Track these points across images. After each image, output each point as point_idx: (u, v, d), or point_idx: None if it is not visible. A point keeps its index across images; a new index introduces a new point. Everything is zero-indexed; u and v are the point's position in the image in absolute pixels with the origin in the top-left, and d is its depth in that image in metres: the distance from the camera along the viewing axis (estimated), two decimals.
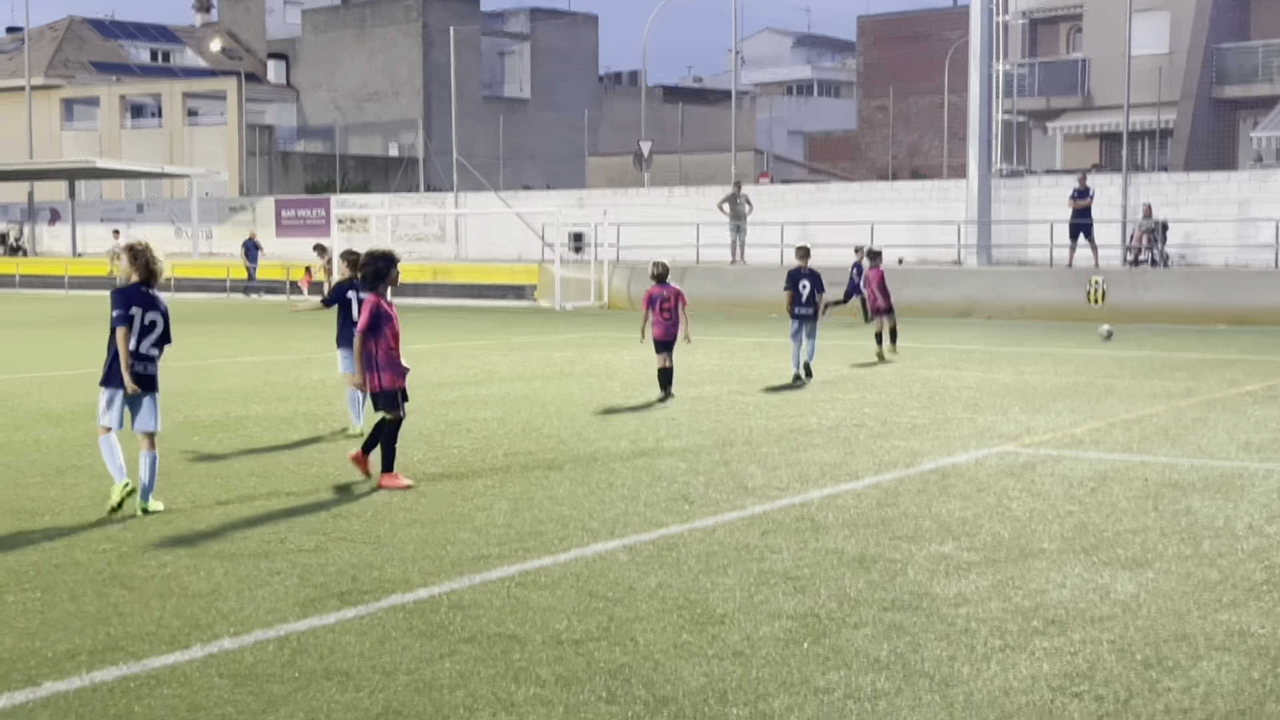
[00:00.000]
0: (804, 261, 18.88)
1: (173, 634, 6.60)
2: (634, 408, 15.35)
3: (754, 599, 7.25)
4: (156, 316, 9.65)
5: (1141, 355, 21.91)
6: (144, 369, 9.58)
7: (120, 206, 58.82)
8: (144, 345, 9.58)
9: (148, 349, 9.60)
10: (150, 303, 9.64)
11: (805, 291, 18.63)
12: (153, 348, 9.63)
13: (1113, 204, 35.64)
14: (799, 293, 18.65)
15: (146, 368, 9.60)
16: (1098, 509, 9.66)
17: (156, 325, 9.65)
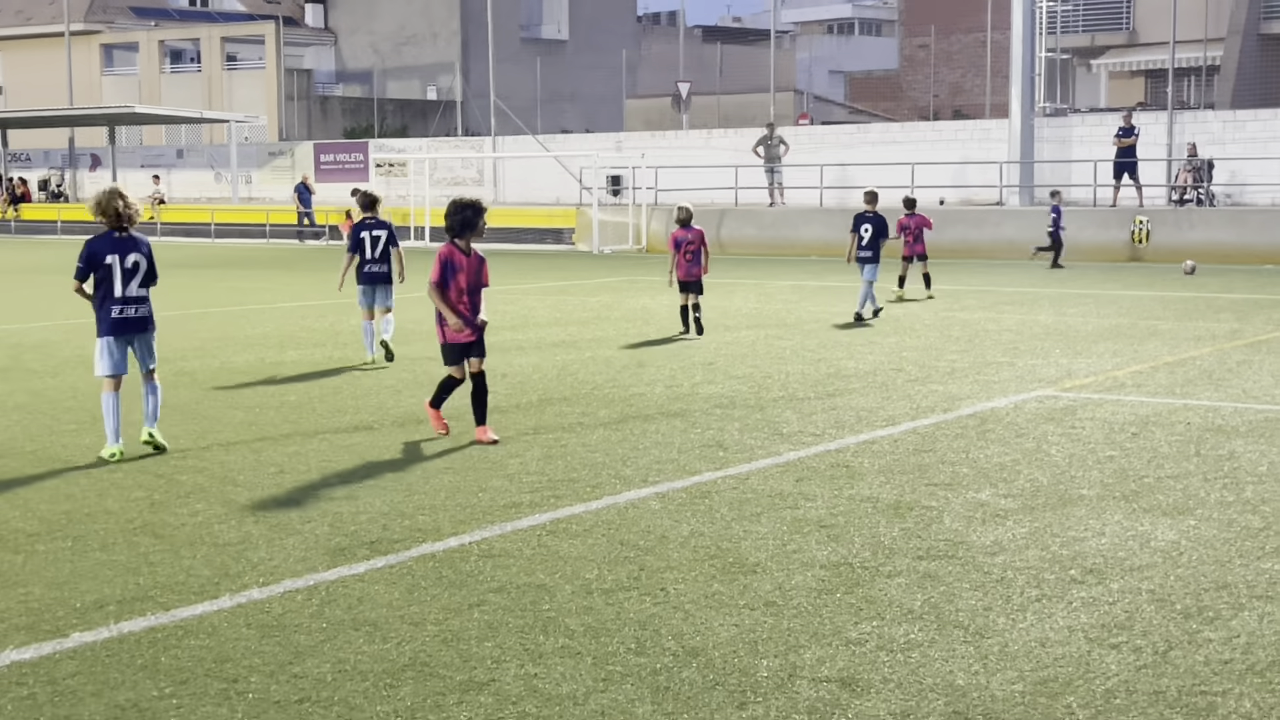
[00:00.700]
0: (871, 206, 19.24)
1: (202, 584, 6.58)
2: (670, 353, 15.25)
3: (786, 548, 7.17)
4: (139, 258, 9.71)
5: (1186, 296, 21.62)
6: (135, 311, 9.70)
7: (160, 152, 58.93)
8: (130, 288, 9.67)
9: (135, 291, 9.69)
10: (129, 246, 9.72)
11: (867, 235, 18.99)
12: (140, 289, 9.73)
13: (1157, 143, 35.09)
14: (860, 236, 19.05)
15: (138, 309, 9.72)
16: (1138, 454, 9.51)
17: (140, 266, 9.72)
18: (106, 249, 9.64)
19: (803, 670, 5.40)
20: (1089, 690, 5.17)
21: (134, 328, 9.67)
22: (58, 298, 23.48)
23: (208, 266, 32.16)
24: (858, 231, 19.09)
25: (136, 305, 9.68)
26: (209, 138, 61.95)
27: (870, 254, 18.87)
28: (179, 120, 58.76)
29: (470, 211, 10.24)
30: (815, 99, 64.97)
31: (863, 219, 19.11)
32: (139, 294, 9.70)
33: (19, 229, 52.40)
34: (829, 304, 20.99)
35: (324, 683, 5.30)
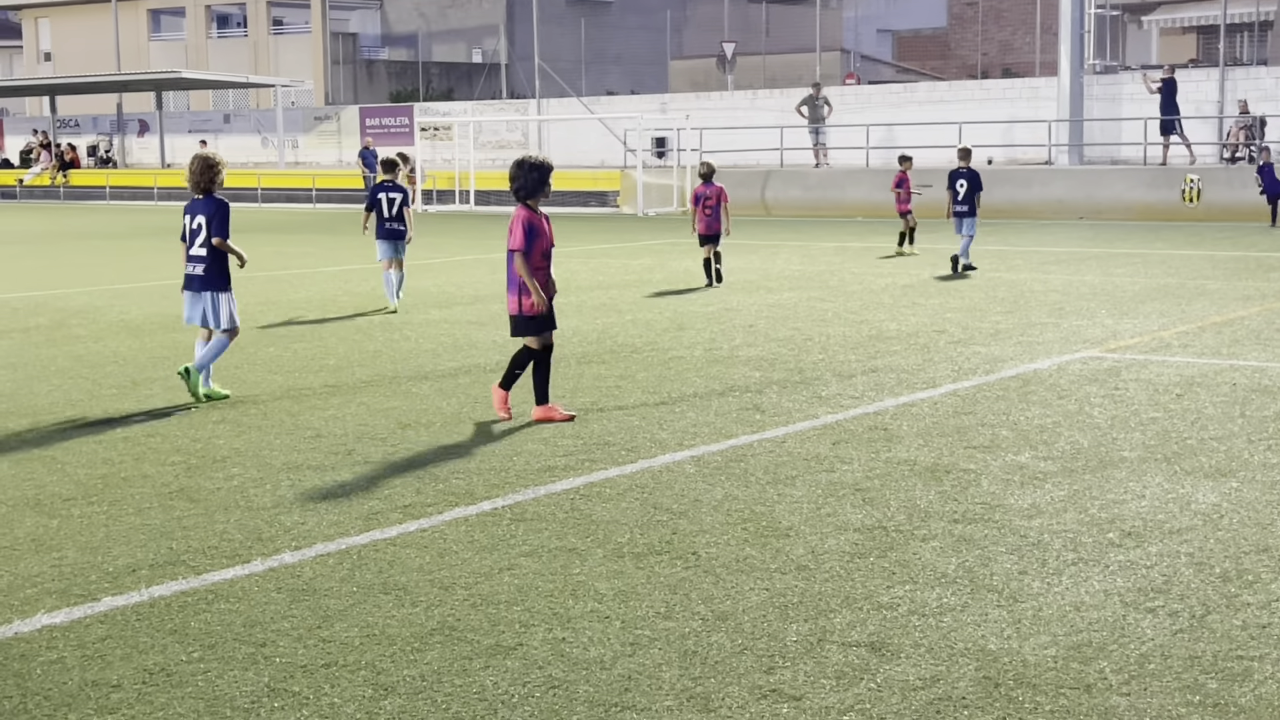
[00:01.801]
0: (965, 162, 20.07)
1: (234, 548, 6.59)
2: (710, 315, 15.17)
3: (820, 511, 7.11)
4: (200, 219, 10.29)
5: (1236, 255, 21.32)
6: (192, 269, 10.35)
7: (207, 117, 59.20)
8: (192, 248, 10.34)
9: (195, 250, 10.30)
10: (196, 208, 10.36)
11: (962, 190, 19.84)
12: (200, 248, 10.26)
13: (1209, 99, 34.60)
14: (956, 191, 19.90)
15: (194, 268, 10.34)
16: (1182, 416, 9.37)
17: (201, 229, 10.27)
18: (186, 210, 10.52)
19: (832, 635, 5.35)
20: (1123, 655, 5.09)
21: (190, 285, 10.44)
22: (105, 263, 23.67)
23: (253, 231, 32.27)
24: (953, 188, 19.93)
25: (194, 264, 10.35)
26: (255, 102, 62.14)
27: (967, 208, 19.74)
28: (225, 85, 58.95)
29: (538, 173, 9.49)
30: (862, 58, 64.35)
31: (957, 175, 19.97)
32: (198, 253, 10.32)
33: (68, 194, 52.80)
34: (873, 265, 20.84)
35: (351, 647, 5.29)
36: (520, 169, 9.50)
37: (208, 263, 10.27)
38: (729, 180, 36.57)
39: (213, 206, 10.27)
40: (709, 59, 56.39)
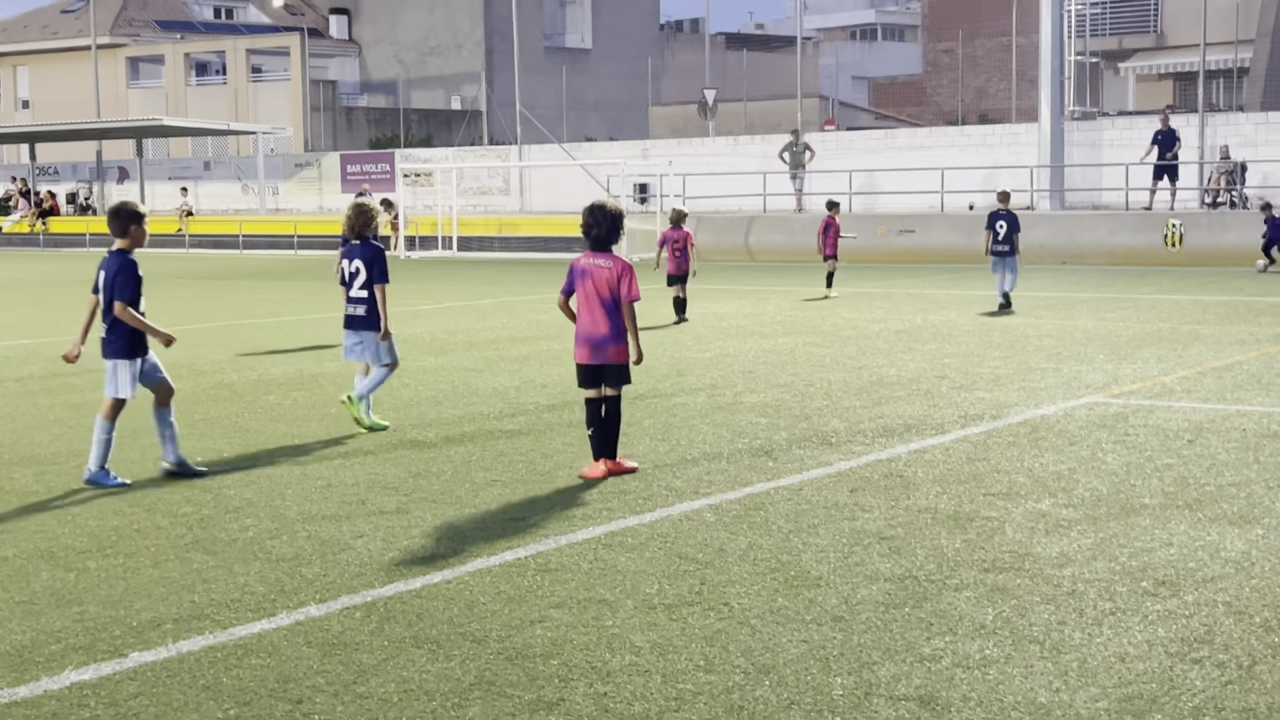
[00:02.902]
0: (1004, 204, 21.02)
1: (258, 601, 6.48)
2: (708, 361, 15.13)
3: (848, 560, 7.04)
4: (358, 264, 10.81)
5: (1224, 300, 21.41)
6: (354, 310, 10.88)
7: (187, 164, 59.11)
8: (352, 290, 10.85)
9: (355, 293, 10.82)
10: (354, 253, 10.91)
11: (1002, 231, 20.66)
12: (360, 290, 10.77)
13: (1189, 145, 34.85)
14: (996, 232, 20.74)
15: (355, 309, 10.86)
16: (1197, 461, 9.35)
17: (360, 273, 10.79)
18: (344, 255, 11.02)
19: (879, 688, 5.27)
20: (1176, 708, 5.03)
21: (350, 325, 10.93)
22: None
23: (238, 278, 32.19)
24: (993, 228, 20.74)
25: (355, 305, 10.86)
26: (235, 149, 62.11)
27: (1008, 248, 20.57)
28: (205, 132, 58.93)
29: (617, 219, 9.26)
30: (840, 105, 64.75)
31: (997, 216, 20.83)
32: (358, 295, 10.83)
33: (47, 242, 52.60)
34: (864, 310, 20.85)
35: (390, 703, 5.19)
36: (595, 218, 9.18)
37: (368, 304, 10.77)
38: (712, 226, 36.82)
39: (370, 252, 10.84)
40: (689, 105, 56.68)
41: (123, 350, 9.11)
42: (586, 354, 9.10)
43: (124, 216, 9.11)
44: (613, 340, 9.05)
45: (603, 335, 9.04)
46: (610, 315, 9.03)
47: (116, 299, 8.97)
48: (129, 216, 9.12)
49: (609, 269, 9.06)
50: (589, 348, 9.08)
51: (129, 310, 8.98)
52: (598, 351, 9.06)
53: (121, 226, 9.12)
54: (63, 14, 75.87)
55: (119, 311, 8.99)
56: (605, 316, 9.03)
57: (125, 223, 9.12)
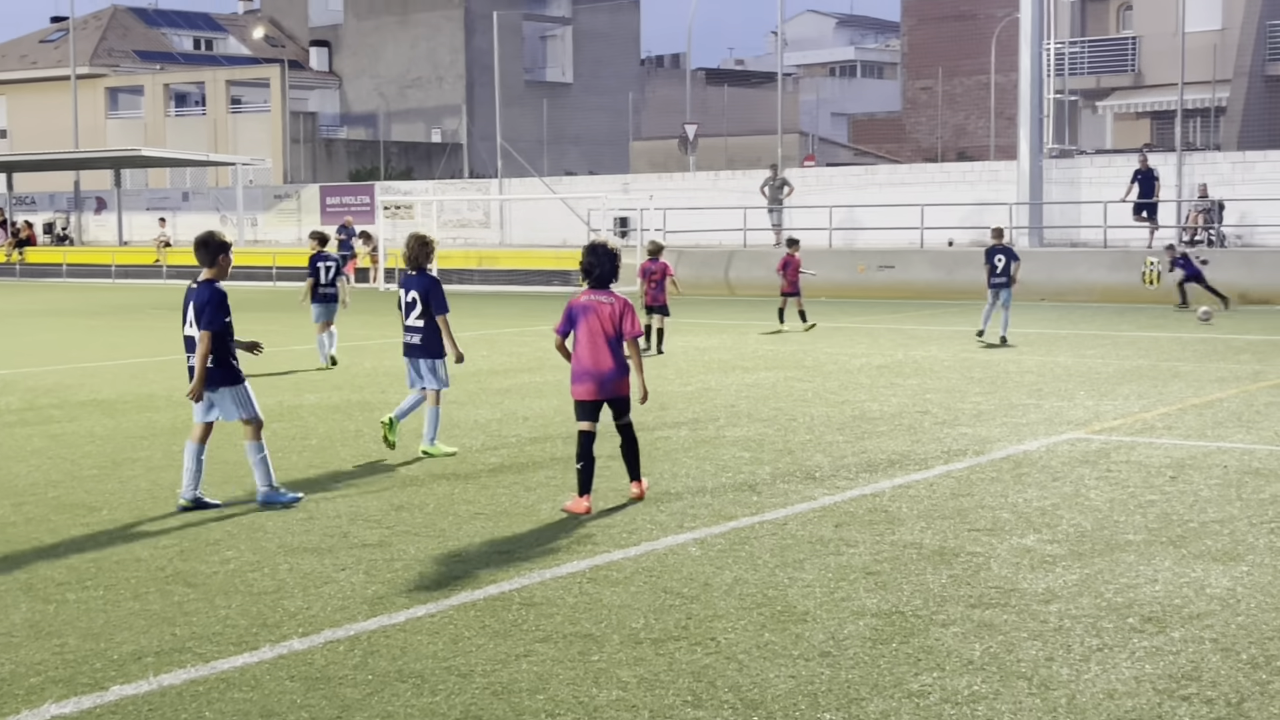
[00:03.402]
0: (998, 239, 21.55)
1: (240, 634, 6.42)
2: (690, 395, 15.11)
3: (835, 595, 7.01)
4: (415, 294, 11.06)
5: (1203, 337, 21.50)
6: (410, 339, 11.14)
7: (165, 195, 58.95)
8: (409, 319, 11.13)
9: (412, 322, 11.09)
10: (411, 284, 11.15)
11: (1000, 264, 21.15)
12: (417, 319, 11.05)
13: (1167, 184, 35.06)
14: (995, 265, 21.19)
15: (412, 338, 11.13)
16: (1180, 498, 9.36)
17: (416, 304, 11.07)
18: (401, 284, 11.33)
19: None
20: None
21: (407, 353, 11.21)
22: (70, 341, 23.38)
23: None
24: (991, 262, 21.18)
25: (411, 334, 11.17)
26: (214, 180, 62.02)
27: (1005, 279, 21.06)
28: (184, 163, 58.86)
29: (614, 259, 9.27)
30: (820, 141, 65.07)
31: (995, 251, 21.27)
32: (414, 324, 11.12)
33: (24, 272, 52.37)
34: (845, 345, 20.87)
35: None
36: (605, 254, 9.21)
37: (423, 333, 11.07)
38: (693, 260, 36.88)
39: (426, 283, 11.08)
40: (670, 140, 56.83)
41: (237, 374, 9.28)
42: (592, 390, 9.12)
43: (213, 247, 9.25)
44: (618, 374, 9.15)
45: (608, 370, 9.11)
46: (614, 350, 9.11)
47: (202, 327, 9.02)
48: (218, 247, 9.26)
49: (611, 305, 9.11)
50: (595, 383, 9.11)
51: (209, 339, 9.03)
52: (604, 387, 9.12)
53: (210, 256, 9.26)
54: (42, 43, 75.80)
55: (201, 340, 9.01)
56: (609, 352, 9.09)
57: (214, 252, 9.26)
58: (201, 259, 9.26)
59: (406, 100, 72.93)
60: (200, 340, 9.00)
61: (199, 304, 9.09)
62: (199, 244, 9.28)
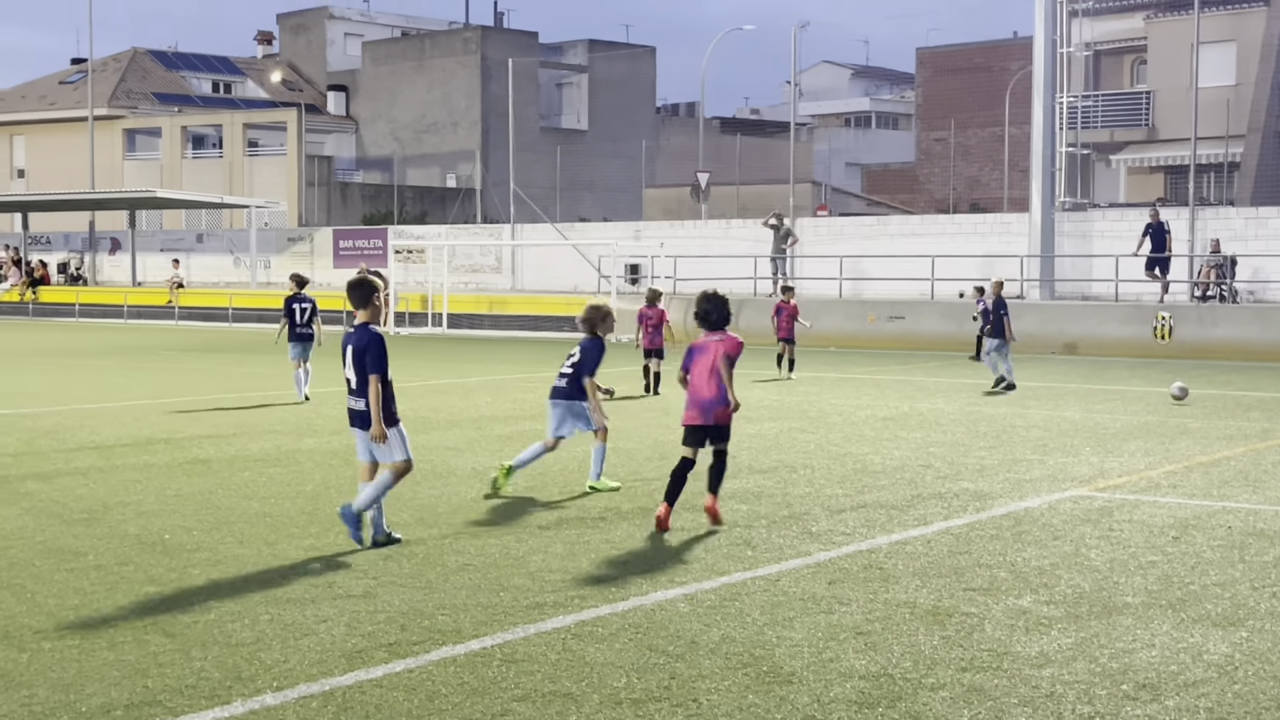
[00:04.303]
0: (998, 291, 22.38)
1: (213, 687, 6.29)
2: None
3: (823, 656, 6.87)
4: (577, 351, 11.67)
5: (1213, 394, 21.32)
6: (560, 383, 11.74)
7: (180, 236, 59.19)
8: (564, 367, 11.76)
9: (565, 369, 11.72)
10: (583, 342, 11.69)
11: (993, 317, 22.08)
12: (569, 368, 11.66)
13: (1179, 238, 34.97)
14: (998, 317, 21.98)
15: (561, 382, 11.73)
16: (1181, 559, 9.20)
17: (574, 356, 11.68)
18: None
19: None
20: None
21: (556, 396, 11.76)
22: (74, 381, 23.34)
23: (226, 351, 32.07)
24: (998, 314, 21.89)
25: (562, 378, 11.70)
26: (229, 222, 62.27)
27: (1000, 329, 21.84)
28: (199, 205, 59.12)
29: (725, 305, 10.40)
30: (833, 190, 65.14)
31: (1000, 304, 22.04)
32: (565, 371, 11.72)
33: (37, 311, 52.52)
34: (851, 396, 20.75)
35: None
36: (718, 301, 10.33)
37: (569, 378, 11.63)
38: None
39: (590, 345, 11.64)
40: (682, 188, 56.97)
41: (394, 416, 9.40)
42: (696, 416, 10.19)
43: (366, 288, 9.45)
44: (719, 403, 10.14)
45: (710, 399, 10.12)
46: (717, 381, 10.13)
47: (371, 372, 9.22)
48: (371, 289, 9.47)
49: (718, 344, 10.20)
50: (699, 410, 10.18)
51: (378, 385, 9.24)
52: (706, 413, 10.14)
53: (364, 298, 9.44)
54: (61, 84, 76.34)
55: (372, 385, 9.23)
56: (715, 384, 10.12)
57: (368, 295, 9.44)
58: (355, 301, 9.48)
59: (422, 145, 73.26)
60: (371, 385, 9.24)
61: (359, 348, 9.31)
62: (353, 286, 9.54)
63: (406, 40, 77.60)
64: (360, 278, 9.59)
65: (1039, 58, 35.70)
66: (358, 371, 9.29)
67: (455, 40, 73.73)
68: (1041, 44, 35.61)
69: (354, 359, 9.31)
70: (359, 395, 9.32)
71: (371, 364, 9.21)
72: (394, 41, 78.05)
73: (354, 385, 9.33)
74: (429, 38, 75.82)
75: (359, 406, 9.35)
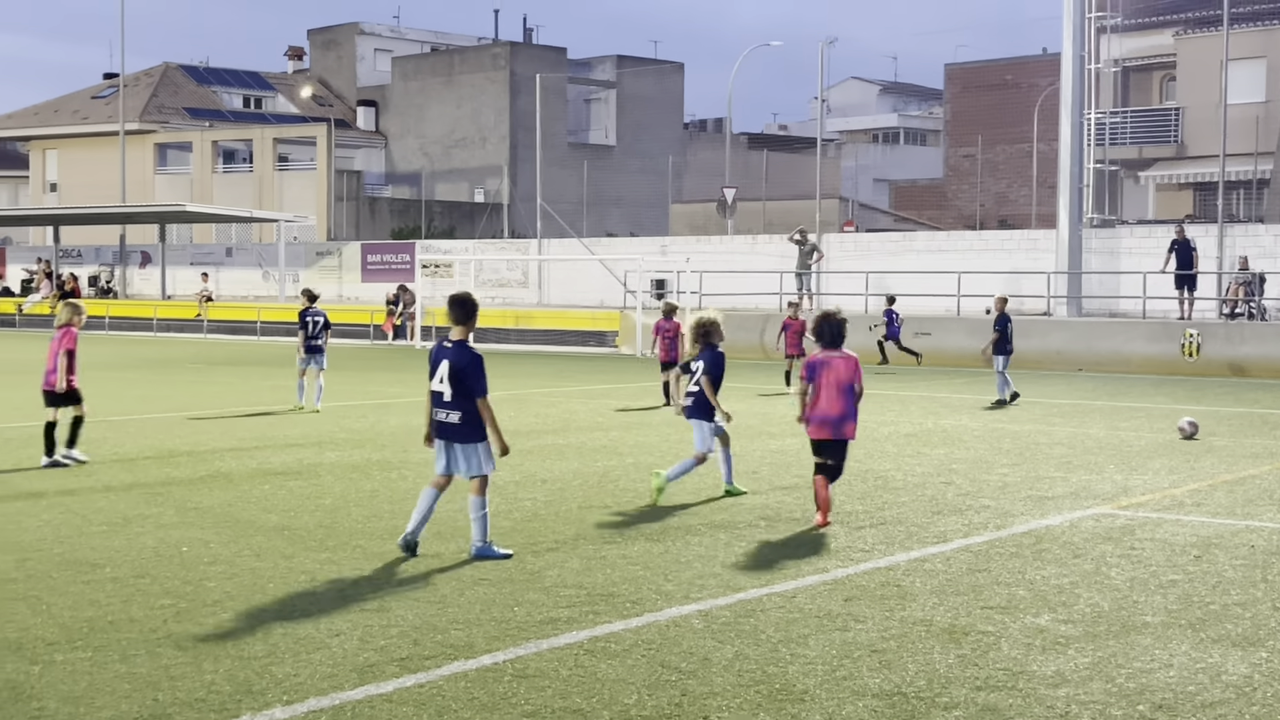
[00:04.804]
0: (1002, 308, 22.81)
1: (222, 700, 6.29)
2: (712, 461, 14.90)
3: (836, 674, 6.82)
4: (700, 364, 12.20)
5: (1240, 411, 21.17)
6: (687, 400, 12.32)
7: (210, 250, 59.48)
8: (690, 385, 12.26)
9: (690, 387, 12.26)
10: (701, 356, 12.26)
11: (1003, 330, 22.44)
12: (694, 386, 12.22)
13: (1208, 255, 34.76)
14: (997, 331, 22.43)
15: (688, 400, 12.29)
16: (1202, 579, 9.11)
17: (697, 371, 12.23)
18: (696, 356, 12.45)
19: None
20: None
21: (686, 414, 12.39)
22: (101, 394, 23.40)
23: (253, 364, 32.17)
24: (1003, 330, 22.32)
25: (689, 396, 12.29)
26: (258, 236, 62.53)
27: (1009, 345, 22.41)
28: (229, 219, 59.41)
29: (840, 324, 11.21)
30: (860, 206, 65.00)
31: (1005, 319, 22.50)
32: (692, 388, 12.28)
33: None
34: (874, 412, 20.65)
35: None
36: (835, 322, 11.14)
37: (697, 395, 12.17)
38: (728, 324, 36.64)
39: (711, 357, 12.21)
40: (709, 203, 56.93)
41: (482, 432, 9.43)
42: (822, 431, 10.93)
43: (468, 306, 9.56)
44: (843, 418, 10.91)
45: (837, 415, 10.91)
46: (844, 398, 10.88)
47: (477, 394, 9.37)
48: (474, 307, 9.60)
49: (845, 361, 10.98)
50: (823, 424, 10.92)
51: (488, 405, 9.40)
52: (832, 428, 10.91)
53: (464, 314, 9.55)
54: (94, 99, 76.86)
55: (482, 405, 9.39)
56: (840, 400, 10.88)
57: (470, 312, 9.56)
58: (456, 317, 9.59)
59: (450, 160, 73.48)
60: (483, 408, 9.38)
61: (458, 366, 9.39)
62: (456, 302, 9.63)
63: (436, 56, 77.89)
64: (463, 294, 9.64)
65: (1067, 74, 35.57)
66: (453, 386, 9.37)
67: (484, 56, 73.98)
68: (1070, 60, 35.48)
69: (450, 374, 9.39)
70: (450, 408, 9.41)
71: (476, 386, 9.34)
72: (423, 57, 78.35)
73: (446, 398, 9.40)
74: (458, 54, 76.08)
75: (449, 419, 9.44)
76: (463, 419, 9.40)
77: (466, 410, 9.38)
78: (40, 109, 78.70)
